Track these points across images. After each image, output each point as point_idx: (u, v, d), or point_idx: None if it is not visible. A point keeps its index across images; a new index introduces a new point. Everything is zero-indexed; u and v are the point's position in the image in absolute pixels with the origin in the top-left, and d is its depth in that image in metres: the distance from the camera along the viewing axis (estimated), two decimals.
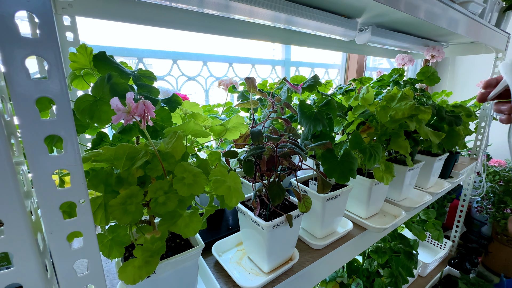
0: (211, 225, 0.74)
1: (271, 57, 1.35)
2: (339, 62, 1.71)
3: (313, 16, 0.80)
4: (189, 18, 0.75)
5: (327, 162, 0.58)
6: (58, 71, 0.23)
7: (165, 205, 0.35)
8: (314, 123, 0.64)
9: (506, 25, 1.34)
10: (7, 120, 0.30)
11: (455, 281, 1.61)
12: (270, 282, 0.56)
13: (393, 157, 0.93)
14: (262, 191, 0.55)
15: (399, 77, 1.08)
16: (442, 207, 1.91)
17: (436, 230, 1.41)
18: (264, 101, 0.80)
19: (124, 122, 0.33)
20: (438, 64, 2.29)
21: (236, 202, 0.41)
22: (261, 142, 0.51)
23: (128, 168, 0.36)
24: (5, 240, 0.25)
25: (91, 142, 0.47)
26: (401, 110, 0.67)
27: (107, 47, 0.84)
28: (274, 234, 0.53)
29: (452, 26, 0.94)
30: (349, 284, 1.23)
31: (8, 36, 0.21)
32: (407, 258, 1.31)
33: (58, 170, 0.28)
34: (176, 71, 1.03)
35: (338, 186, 0.72)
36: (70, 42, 0.62)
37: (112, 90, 0.38)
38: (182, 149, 0.39)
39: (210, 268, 0.60)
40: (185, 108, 0.53)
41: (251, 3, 0.66)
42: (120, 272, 0.35)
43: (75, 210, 0.27)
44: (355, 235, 0.74)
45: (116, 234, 0.37)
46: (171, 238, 0.51)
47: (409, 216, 0.91)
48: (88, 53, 0.43)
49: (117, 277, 0.35)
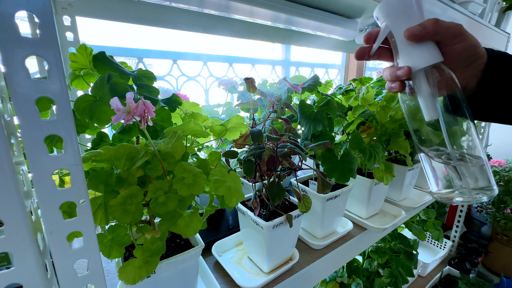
0: (211, 225, 0.74)
1: (271, 57, 1.35)
2: (339, 62, 1.71)
3: (313, 16, 0.80)
4: (189, 18, 0.75)
5: (327, 162, 0.58)
6: (58, 71, 0.23)
7: (165, 205, 0.35)
8: (314, 123, 0.64)
9: (506, 25, 1.34)
10: (7, 120, 0.30)
11: (455, 281, 1.61)
12: (270, 282, 0.56)
13: (393, 157, 0.93)
14: (262, 191, 0.55)
15: None
16: (442, 207, 1.91)
17: (436, 230, 1.41)
18: (264, 101, 0.80)
19: (124, 122, 0.33)
20: None
21: (236, 202, 0.41)
22: (261, 142, 0.51)
23: (128, 168, 0.36)
24: (5, 240, 0.25)
25: (91, 142, 0.47)
26: (401, 110, 0.67)
27: (107, 47, 0.84)
28: (274, 234, 0.53)
29: None
30: (349, 284, 1.23)
31: (8, 36, 0.21)
32: (407, 258, 1.31)
33: (58, 170, 0.28)
34: (176, 71, 1.03)
35: (338, 186, 0.72)
36: (70, 42, 0.62)
37: (112, 90, 0.38)
38: (182, 149, 0.39)
39: (210, 268, 0.60)
40: (185, 108, 0.53)
41: (251, 3, 0.66)
42: (120, 272, 0.35)
43: (75, 210, 0.27)
44: (355, 235, 0.74)
45: (116, 234, 0.37)
46: (171, 238, 0.51)
47: (409, 216, 0.91)
48: (88, 53, 0.43)
49: (117, 277, 0.35)
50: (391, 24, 0.37)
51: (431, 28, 0.35)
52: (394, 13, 0.37)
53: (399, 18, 0.37)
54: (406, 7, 0.36)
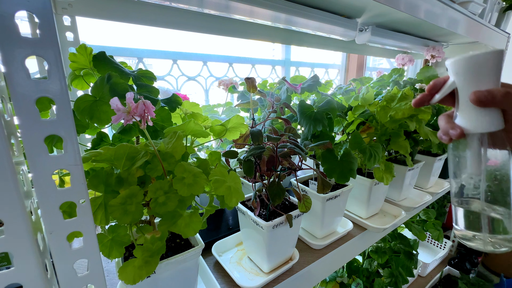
0: (211, 225, 0.74)
1: (271, 57, 1.35)
2: (339, 62, 1.71)
3: (313, 16, 0.80)
4: (189, 18, 0.75)
5: (327, 162, 0.58)
6: (58, 71, 0.23)
7: (165, 205, 0.35)
8: (314, 123, 0.64)
9: (506, 25, 1.34)
10: (7, 120, 0.30)
11: (455, 281, 1.61)
12: (270, 282, 0.56)
13: (393, 157, 0.93)
14: (262, 191, 0.55)
15: (399, 77, 1.08)
16: (442, 207, 1.91)
17: (436, 230, 1.41)
18: (264, 101, 0.80)
19: (124, 122, 0.33)
20: (438, 64, 2.29)
21: (236, 202, 0.41)
22: (261, 142, 0.51)
23: (128, 168, 0.36)
24: (5, 240, 0.25)
25: (91, 142, 0.47)
26: (401, 110, 0.67)
27: (107, 47, 0.84)
28: (274, 234, 0.53)
29: (452, 26, 0.94)
30: (349, 284, 1.23)
31: (8, 36, 0.21)
32: (407, 258, 1.31)
33: (58, 170, 0.28)
34: (176, 71, 1.03)
35: (338, 186, 0.72)
36: (70, 42, 0.62)
37: (112, 90, 0.38)
38: (182, 149, 0.39)
39: (210, 268, 0.60)
40: (185, 108, 0.53)
41: (251, 3, 0.66)
42: (120, 272, 0.35)
43: (75, 210, 0.27)
44: (355, 235, 0.74)
45: (116, 234, 0.37)
46: (171, 238, 0.51)
47: (409, 216, 0.91)
48: (88, 53, 0.43)
49: (117, 277, 0.35)
50: (459, 82, 0.36)
51: (500, 99, 0.33)
52: (464, 73, 0.35)
53: (468, 79, 0.35)
54: (477, 69, 0.34)
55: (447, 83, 0.37)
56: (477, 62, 0.34)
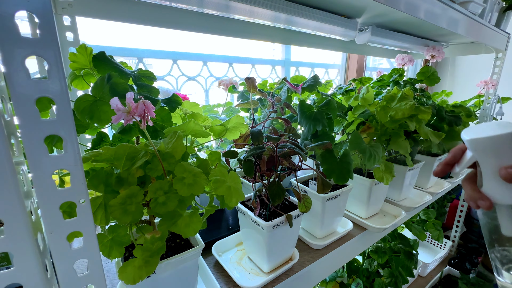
0: (211, 225, 0.74)
1: (271, 57, 1.35)
2: (339, 62, 1.71)
3: (313, 16, 0.80)
4: (189, 18, 0.75)
5: (326, 162, 0.58)
6: (58, 71, 0.23)
7: (165, 205, 0.35)
8: (314, 123, 0.64)
9: (506, 25, 1.34)
10: (7, 120, 0.30)
11: (455, 281, 1.61)
12: (270, 282, 0.56)
13: (393, 157, 0.93)
14: (262, 191, 0.55)
15: (399, 77, 1.08)
16: (442, 207, 1.91)
17: (436, 230, 1.41)
18: (264, 101, 0.80)
19: (124, 122, 0.33)
20: (438, 64, 2.29)
21: (236, 202, 0.41)
22: (261, 142, 0.51)
23: (128, 168, 0.36)
24: (5, 240, 0.25)
25: (91, 142, 0.47)
26: (401, 110, 0.67)
27: (107, 47, 0.84)
28: (274, 234, 0.53)
29: (452, 26, 0.94)
30: (349, 284, 1.23)
31: (8, 36, 0.21)
32: (407, 258, 1.31)
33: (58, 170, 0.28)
34: (176, 71, 1.03)
35: (338, 186, 0.72)
36: (70, 42, 0.62)
37: (112, 90, 0.38)
38: (182, 149, 0.39)
39: (210, 268, 0.60)
40: (185, 108, 0.53)
41: (251, 3, 0.66)
42: (120, 272, 0.35)
43: (75, 210, 0.27)
44: (355, 235, 0.75)
45: (116, 234, 0.37)
46: (171, 238, 0.51)
47: (409, 216, 0.91)
48: (88, 53, 0.43)
49: (117, 277, 0.35)
50: (480, 158, 0.36)
51: None
52: (485, 151, 0.35)
53: (490, 156, 0.35)
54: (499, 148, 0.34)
55: (466, 157, 0.38)
56: (497, 142, 0.34)
